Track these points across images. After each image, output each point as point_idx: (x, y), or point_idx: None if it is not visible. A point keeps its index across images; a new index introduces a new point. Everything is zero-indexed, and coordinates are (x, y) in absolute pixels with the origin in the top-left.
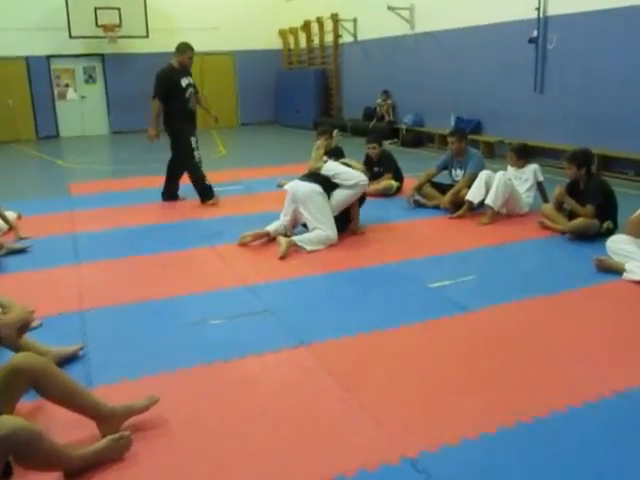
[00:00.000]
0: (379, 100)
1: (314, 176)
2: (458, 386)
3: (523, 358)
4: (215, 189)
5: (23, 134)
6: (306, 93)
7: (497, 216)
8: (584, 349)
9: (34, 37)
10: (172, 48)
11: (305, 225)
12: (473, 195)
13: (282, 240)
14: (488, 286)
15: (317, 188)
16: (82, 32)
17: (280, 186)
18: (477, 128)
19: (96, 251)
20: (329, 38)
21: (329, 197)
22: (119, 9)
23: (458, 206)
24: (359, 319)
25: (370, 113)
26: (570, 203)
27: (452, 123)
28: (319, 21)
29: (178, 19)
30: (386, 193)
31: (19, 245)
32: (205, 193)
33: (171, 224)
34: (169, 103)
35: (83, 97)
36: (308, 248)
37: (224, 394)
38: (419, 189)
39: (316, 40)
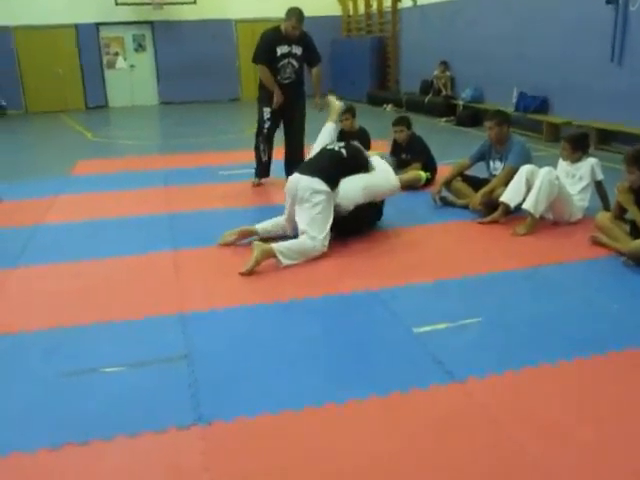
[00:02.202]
0: (436, 72)
1: (320, 163)
2: None
3: None
4: (226, 172)
5: (72, 104)
6: (361, 64)
7: (539, 224)
8: None
9: (83, 4)
10: (221, 15)
11: None
12: (509, 196)
13: (256, 249)
14: (497, 336)
15: (320, 186)
16: None
17: None
18: (542, 106)
19: (46, 251)
20: (388, 3)
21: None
22: None
23: (494, 207)
24: (295, 384)
25: (427, 86)
26: (635, 212)
27: (514, 100)
28: None
29: None
30: (413, 185)
31: None
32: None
33: (154, 217)
34: None
35: (132, 66)
36: (284, 263)
37: None
38: (447, 184)
39: (375, 6)
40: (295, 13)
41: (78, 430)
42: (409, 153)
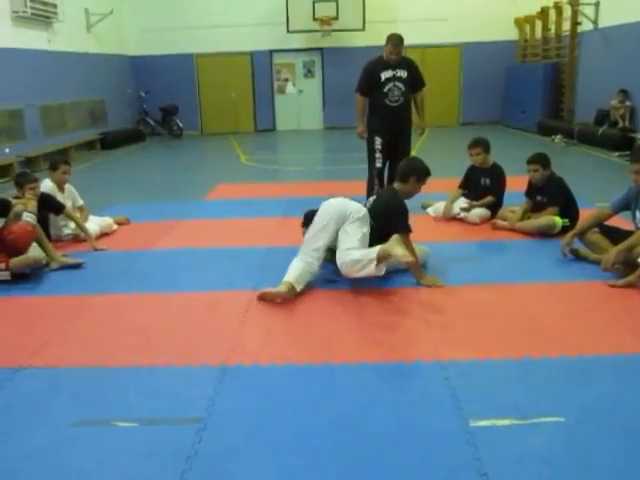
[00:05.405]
0: (614, 102)
1: None
2: None
3: None
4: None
5: (243, 126)
6: (534, 91)
7: None
8: None
9: (259, 32)
10: None
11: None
12: None
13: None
14: (576, 448)
15: None
16: (299, 26)
17: (424, 208)
18: None
19: (135, 280)
20: (567, 27)
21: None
22: (337, 1)
23: (634, 268)
24: None
25: (602, 117)
26: None
27: None
28: (557, 7)
29: (399, 10)
30: (545, 232)
31: (71, 260)
32: None
33: (252, 250)
34: (370, 97)
35: (301, 91)
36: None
37: None
38: (582, 234)
39: (553, 29)
40: (392, 39)
41: None
42: (545, 195)
